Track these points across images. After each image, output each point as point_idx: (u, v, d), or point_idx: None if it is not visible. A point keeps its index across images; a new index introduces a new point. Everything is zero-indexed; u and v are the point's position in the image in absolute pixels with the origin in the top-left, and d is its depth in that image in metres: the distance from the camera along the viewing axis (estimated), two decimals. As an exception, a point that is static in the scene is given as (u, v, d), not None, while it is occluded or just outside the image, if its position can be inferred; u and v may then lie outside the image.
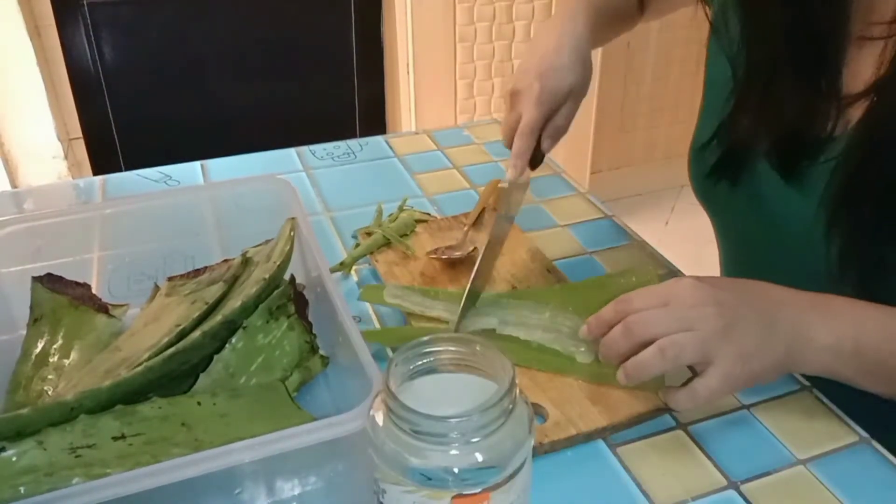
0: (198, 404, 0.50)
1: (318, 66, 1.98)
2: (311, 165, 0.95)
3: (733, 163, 0.67)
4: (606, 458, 0.54)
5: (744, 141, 0.66)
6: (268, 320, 0.56)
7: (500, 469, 0.38)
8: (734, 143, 0.67)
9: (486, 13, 1.89)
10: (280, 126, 1.96)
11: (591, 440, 0.55)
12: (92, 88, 1.81)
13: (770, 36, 0.62)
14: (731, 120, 0.67)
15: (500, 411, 0.37)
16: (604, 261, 0.76)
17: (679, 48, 2.37)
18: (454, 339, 0.41)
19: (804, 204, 0.62)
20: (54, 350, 0.59)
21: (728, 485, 0.52)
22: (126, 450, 0.46)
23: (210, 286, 0.59)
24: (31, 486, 0.44)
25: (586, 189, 0.90)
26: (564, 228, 0.82)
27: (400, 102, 1.99)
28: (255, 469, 0.45)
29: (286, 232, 0.61)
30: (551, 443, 0.54)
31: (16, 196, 0.98)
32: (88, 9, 1.73)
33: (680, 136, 2.55)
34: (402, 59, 1.92)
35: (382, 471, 0.39)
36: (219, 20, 1.86)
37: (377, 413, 0.39)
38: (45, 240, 0.64)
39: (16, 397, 0.55)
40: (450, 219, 0.81)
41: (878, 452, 0.55)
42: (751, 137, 0.65)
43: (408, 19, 1.85)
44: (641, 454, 0.55)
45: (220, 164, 0.95)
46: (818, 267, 0.60)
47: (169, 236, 0.68)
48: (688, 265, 0.77)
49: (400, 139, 1.02)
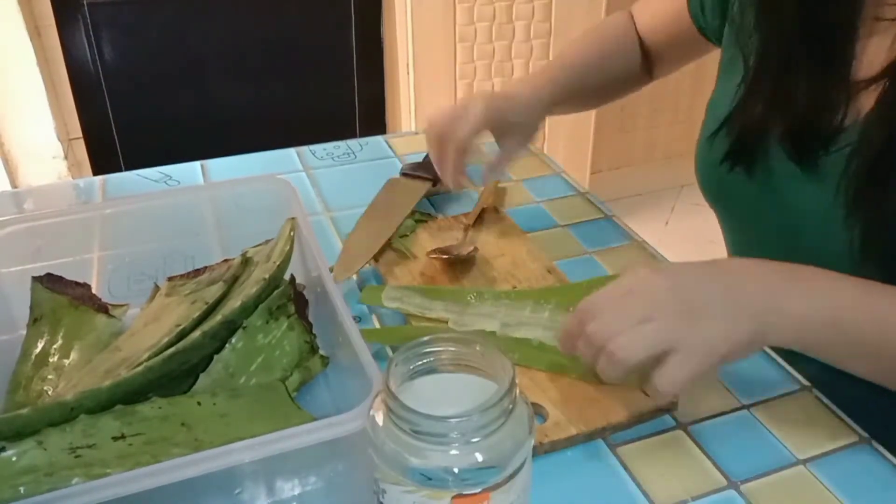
0: (198, 404, 0.50)
1: (318, 66, 1.98)
2: (311, 165, 0.95)
3: (745, 151, 0.67)
4: (606, 458, 0.54)
5: (755, 129, 0.65)
6: (268, 320, 0.56)
7: (500, 469, 0.38)
8: (745, 131, 0.66)
9: (486, 13, 1.89)
10: (280, 126, 1.96)
11: (591, 440, 0.55)
12: (92, 88, 1.81)
13: (783, 21, 0.61)
14: (742, 107, 0.66)
15: (500, 411, 0.37)
16: (604, 261, 0.76)
17: (679, 48, 2.37)
18: (454, 339, 0.41)
19: (820, 191, 0.61)
20: (54, 350, 0.59)
21: (728, 485, 0.52)
22: (126, 450, 0.46)
23: (210, 286, 0.59)
24: (31, 486, 0.44)
25: (586, 189, 0.90)
26: (564, 228, 0.82)
27: (400, 102, 1.99)
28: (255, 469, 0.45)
29: (286, 232, 0.61)
30: (551, 443, 0.54)
31: (16, 196, 0.98)
32: (88, 9, 1.73)
33: (680, 136, 2.54)
34: (402, 59, 1.92)
35: (382, 471, 0.39)
36: (219, 20, 1.86)
37: (377, 413, 0.39)
38: (45, 240, 0.64)
39: (16, 397, 0.55)
40: (450, 219, 0.81)
41: (878, 452, 0.55)
42: (763, 125, 0.64)
43: (408, 19, 1.85)
44: (641, 454, 0.55)
45: (220, 164, 0.95)
46: (836, 254, 0.59)
47: (169, 236, 0.68)
48: (688, 265, 0.77)
49: (400, 139, 1.02)
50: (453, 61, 1.93)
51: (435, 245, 0.75)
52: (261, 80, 1.94)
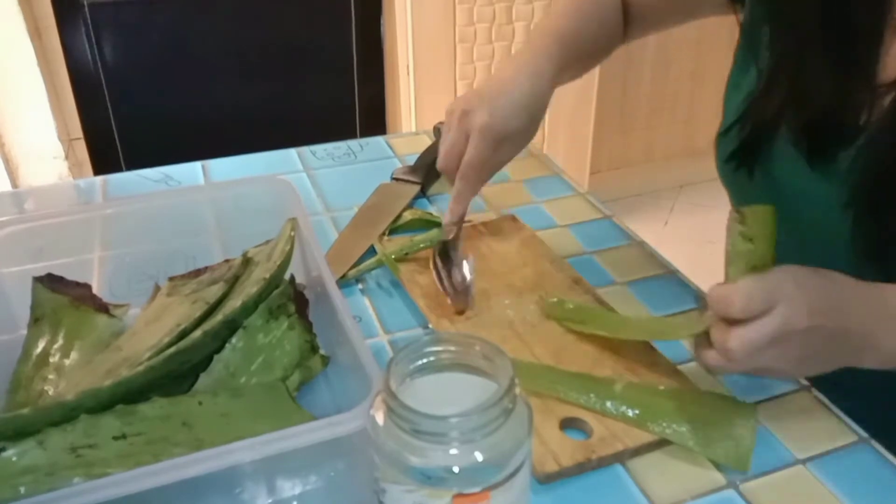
0: (199, 404, 0.50)
1: (318, 66, 1.98)
2: (312, 166, 0.95)
3: (753, 147, 0.66)
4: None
5: (769, 124, 0.64)
6: (268, 320, 0.56)
7: (500, 468, 0.38)
8: (757, 127, 0.65)
9: (485, 14, 1.89)
10: (280, 126, 1.96)
11: (638, 455, 0.54)
12: (92, 89, 1.81)
13: (803, 17, 0.60)
14: (758, 103, 0.65)
15: (500, 411, 0.37)
16: (603, 261, 0.77)
17: (678, 49, 2.37)
18: (454, 339, 0.41)
19: (829, 189, 0.60)
20: (55, 350, 0.59)
21: (728, 484, 0.52)
22: (127, 449, 0.46)
23: (211, 286, 0.59)
24: (31, 486, 0.44)
25: (586, 189, 0.90)
26: (564, 228, 0.82)
27: (400, 103, 1.99)
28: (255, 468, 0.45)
29: (287, 232, 0.61)
30: (598, 459, 0.52)
31: (16, 196, 0.98)
32: (89, 9, 1.74)
33: (679, 137, 2.54)
34: (402, 59, 1.92)
35: (383, 470, 0.39)
36: (219, 21, 1.87)
37: (377, 412, 0.39)
38: (46, 240, 0.64)
39: (16, 397, 0.55)
40: (468, 228, 0.79)
41: (878, 452, 0.55)
42: (777, 121, 0.63)
43: (408, 20, 1.86)
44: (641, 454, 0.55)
45: (221, 165, 0.95)
46: (844, 252, 0.59)
47: (170, 236, 0.68)
48: (687, 265, 0.77)
49: (400, 139, 1.02)
50: (453, 62, 1.94)
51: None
52: (261, 80, 1.95)
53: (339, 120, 2.06)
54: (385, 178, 0.89)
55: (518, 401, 0.39)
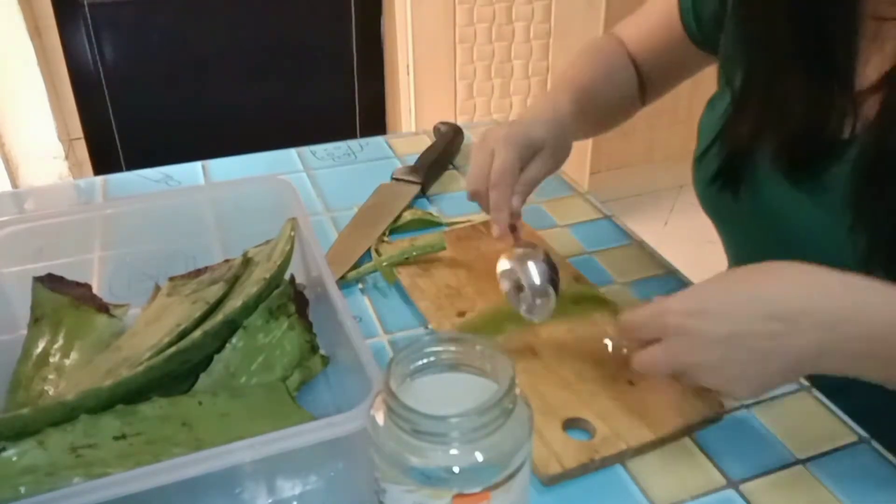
0: (198, 404, 0.51)
1: (318, 66, 1.98)
2: (312, 166, 0.95)
3: (734, 170, 0.65)
4: (606, 458, 0.54)
5: (745, 146, 0.63)
6: (268, 320, 0.56)
7: (500, 468, 0.38)
8: (735, 149, 0.64)
9: (485, 14, 1.89)
10: (280, 126, 1.96)
11: (640, 454, 0.54)
12: (93, 89, 1.81)
13: (775, 30, 0.59)
14: (731, 124, 0.64)
15: (500, 411, 0.37)
16: (603, 261, 0.77)
17: (679, 49, 2.37)
18: (454, 339, 0.41)
19: (818, 205, 0.59)
20: (55, 350, 0.59)
21: (728, 485, 0.52)
22: (127, 449, 0.46)
23: (211, 286, 0.59)
24: (31, 486, 0.44)
25: (586, 189, 0.91)
26: (564, 229, 0.82)
27: (400, 103, 1.99)
28: (255, 468, 0.45)
29: (287, 232, 0.61)
30: (602, 459, 0.52)
31: (17, 196, 0.98)
32: (89, 9, 1.74)
33: (679, 138, 2.55)
34: (402, 59, 1.92)
35: (383, 470, 0.39)
36: (219, 20, 1.86)
37: (377, 413, 0.39)
38: (46, 240, 0.64)
39: (16, 397, 0.55)
40: (468, 228, 0.80)
41: (877, 452, 0.55)
42: (753, 142, 0.62)
43: (408, 19, 1.86)
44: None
45: (221, 165, 0.95)
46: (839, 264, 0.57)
47: (170, 236, 0.68)
48: (687, 265, 0.77)
49: (400, 139, 1.02)
50: (453, 62, 1.93)
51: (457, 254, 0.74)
52: (261, 80, 1.95)
53: (338, 120, 2.06)
54: (385, 178, 0.89)
55: (518, 401, 0.39)
